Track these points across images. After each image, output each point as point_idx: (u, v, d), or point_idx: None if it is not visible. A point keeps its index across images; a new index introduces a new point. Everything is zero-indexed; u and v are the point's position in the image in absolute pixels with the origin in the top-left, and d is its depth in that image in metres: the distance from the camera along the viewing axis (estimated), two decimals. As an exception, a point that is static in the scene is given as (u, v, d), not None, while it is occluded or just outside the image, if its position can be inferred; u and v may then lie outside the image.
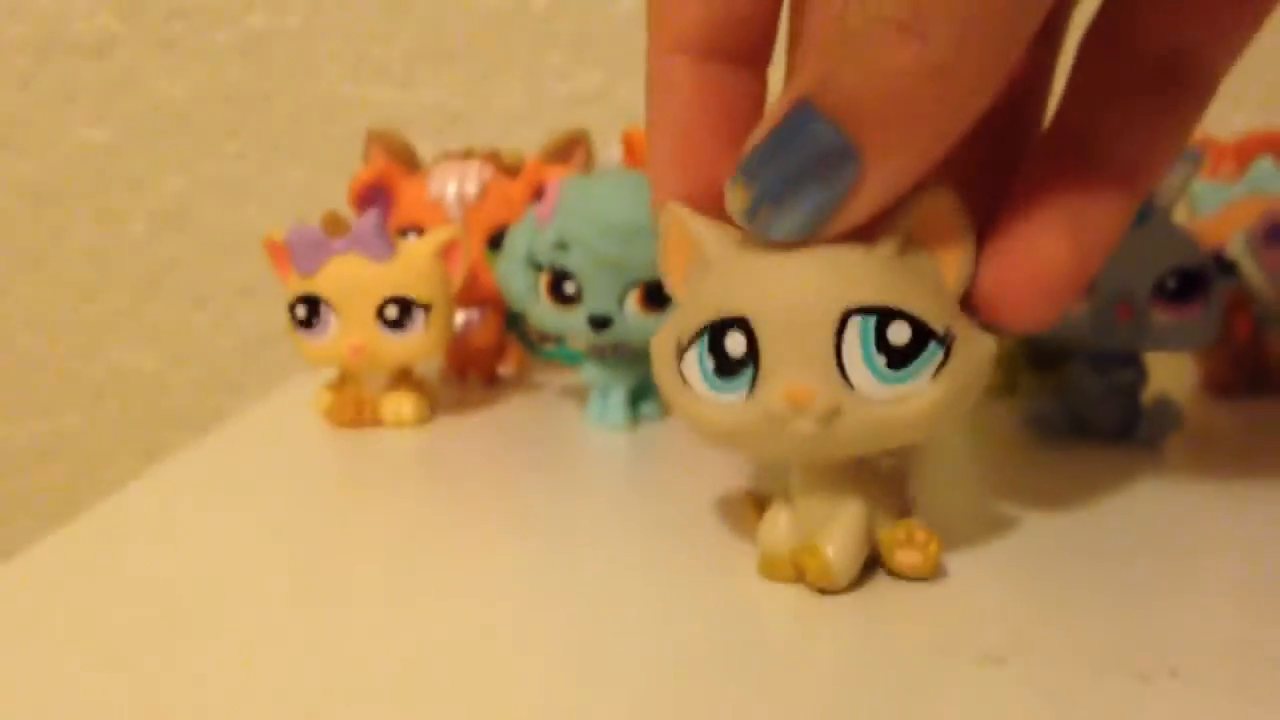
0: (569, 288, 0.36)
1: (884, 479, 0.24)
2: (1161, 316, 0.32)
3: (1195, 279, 0.32)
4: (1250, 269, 0.38)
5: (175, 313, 0.66)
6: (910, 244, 0.22)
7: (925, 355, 0.21)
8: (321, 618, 0.22)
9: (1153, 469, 0.32)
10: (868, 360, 0.21)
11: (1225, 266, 0.38)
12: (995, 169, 0.24)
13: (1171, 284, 0.32)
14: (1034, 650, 0.20)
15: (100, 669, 0.20)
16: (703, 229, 0.23)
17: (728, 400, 0.22)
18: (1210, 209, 0.42)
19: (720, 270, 0.22)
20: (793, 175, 0.20)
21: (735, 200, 0.21)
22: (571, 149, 0.46)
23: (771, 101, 0.22)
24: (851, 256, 0.21)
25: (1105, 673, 0.19)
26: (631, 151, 0.40)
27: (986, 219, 0.23)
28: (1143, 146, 0.23)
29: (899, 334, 0.21)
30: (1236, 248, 0.38)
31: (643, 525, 0.28)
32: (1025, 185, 0.23)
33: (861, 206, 0.20)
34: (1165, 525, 0.27)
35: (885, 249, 0.21)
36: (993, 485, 0.31)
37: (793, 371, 0.21)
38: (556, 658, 0.20)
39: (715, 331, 0.22)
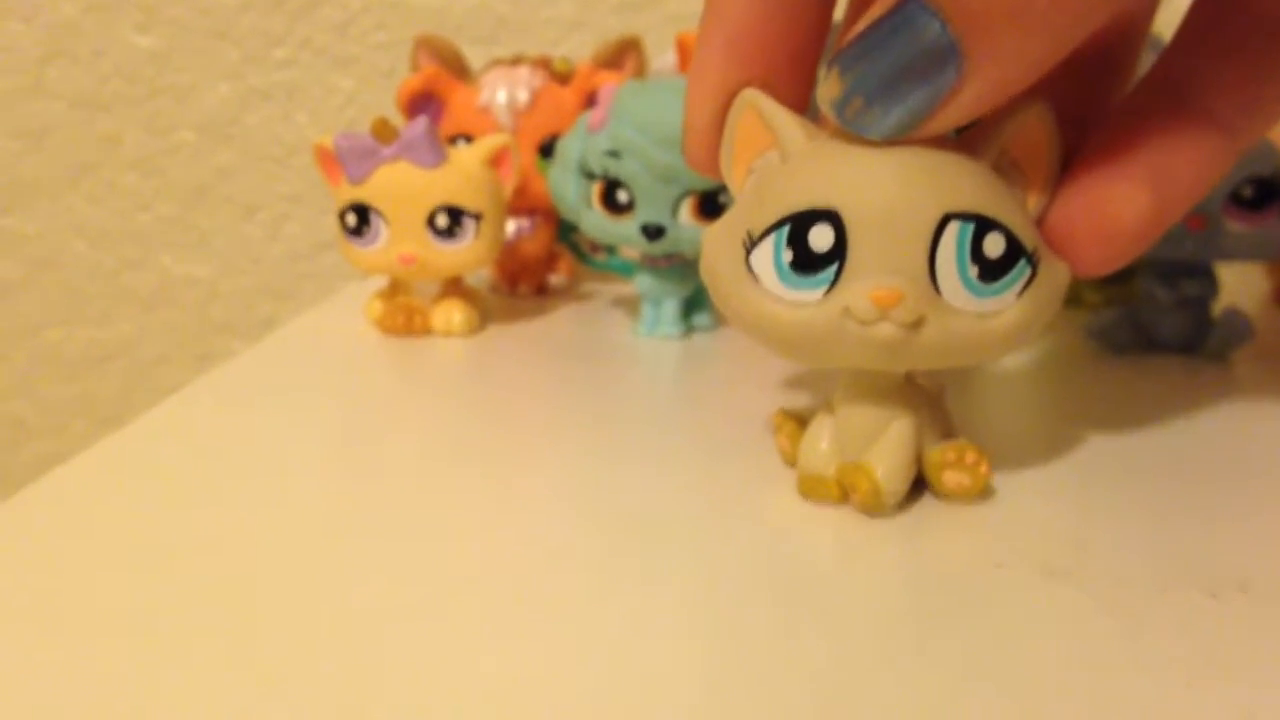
0: (622, 196, 0.36)
1: (931, 397, 0.23)
2: (1235, 226, 0.31)
3: (1272, 187, 0.31)
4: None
5: (226, 221, 0.66)
6: (1003, 158, 0.21)
7: (1015, 271, 0.21)
8: (369, 525, 0.22)
9: (1221, 383, 0.31)
10: (961, 268, 0.20)
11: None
12: (1080, 107, 0.23)
13: (1247, 192, 0.31)
14: (1098, 565, 0.20)
15: (150, 571, 0.20)
16: (785, 117, 0.22)
17: (802, 297, 0.21)
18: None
19: (803, 162, 0.21)
20: (892, 70, 0.19)
21: (827, 89, 0.20)
22: (624, 55, 0.45)
23: None
24: (951, 161, 0.20)
25: (1173, 588, 0.19)
26: (685, 58, 0.39)
27: (1066, 156, 0.22)
28: (1244, 105, 0.22)
29: (995, 245, 0.20)
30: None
31: (691, 439, 0.28)
32: (1112, 128, 0.22)
33: (957, 111, 0.19)
34: (1233, 440, 0.26)
35: (986, 160, 0.21)
36: (1053, 401, 0.31)
37: (882, 272, 0.20)
38: (597, 575, 0.20)
39: (799, 223, 0.20)
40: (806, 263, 0.20)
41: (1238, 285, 0.40)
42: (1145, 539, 0.21)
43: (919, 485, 0.23)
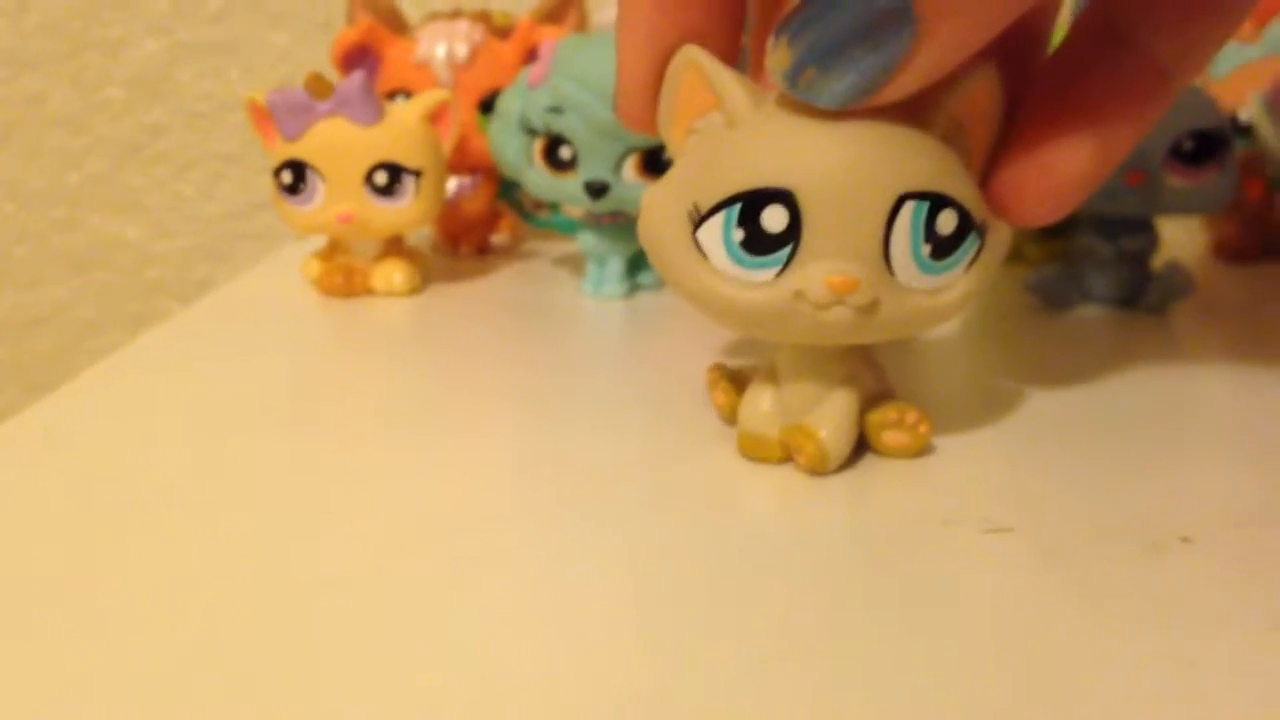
0: (564, 153, 0.35)
1: (871, 358, 0.23)
2: (1175, 180, 0.32)
3: (1213, 141, 0.31)
4: (1266, 131, 0.37)
5: (158, 181, 0.64)
6: (953, 123, 0.21)
7: (965, 245, 0.20)
8: (310, 487, 0.22)
9: (1160, 337, 0.31)
10: (914, 248, 0.20)
11: (1240, 129, 0.37)
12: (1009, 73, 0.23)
13: (1188, 146, 0.31)
14: (1040, 519, 0.20)
15: (86, 537, 0.20)
16: (728, 77, 0.21)
17: (753, 277, 0.20)
18: (1225, 70, 0.40)
19: (752, 132, 0.20)
20: (844, 36, 0.19)
21: (778, 59, 0.19)
22: (565, 9, 0.44)
23: None
24: (904, 134, 0.20)
25: (1116, 541, 0.19)
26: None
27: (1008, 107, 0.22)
28: (1181, 46, 0.21)
29: (947, 222, 0.20)
30: (1253, 109, 0.37)
31: (636, 398, 0.28)
32: (1051, 77, 0.22)
33: (912, 77, 0.19)
34: (1173, 394, 0.27)
35: (936, 129, 0.20)
36: (993, 356, 0.31)
37: (837, 255, 0.20)
38: (541, 534, 0.20)
39: (751, 202, 0.20)
40: (759, 243, 0.20)
41: (1177, 239, 0.40)
42: (1087, 493, 0.21)
43: (860, 443, 0.23)
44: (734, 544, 0.19)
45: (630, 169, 0.35)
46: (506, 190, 0.44)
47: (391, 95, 0.42)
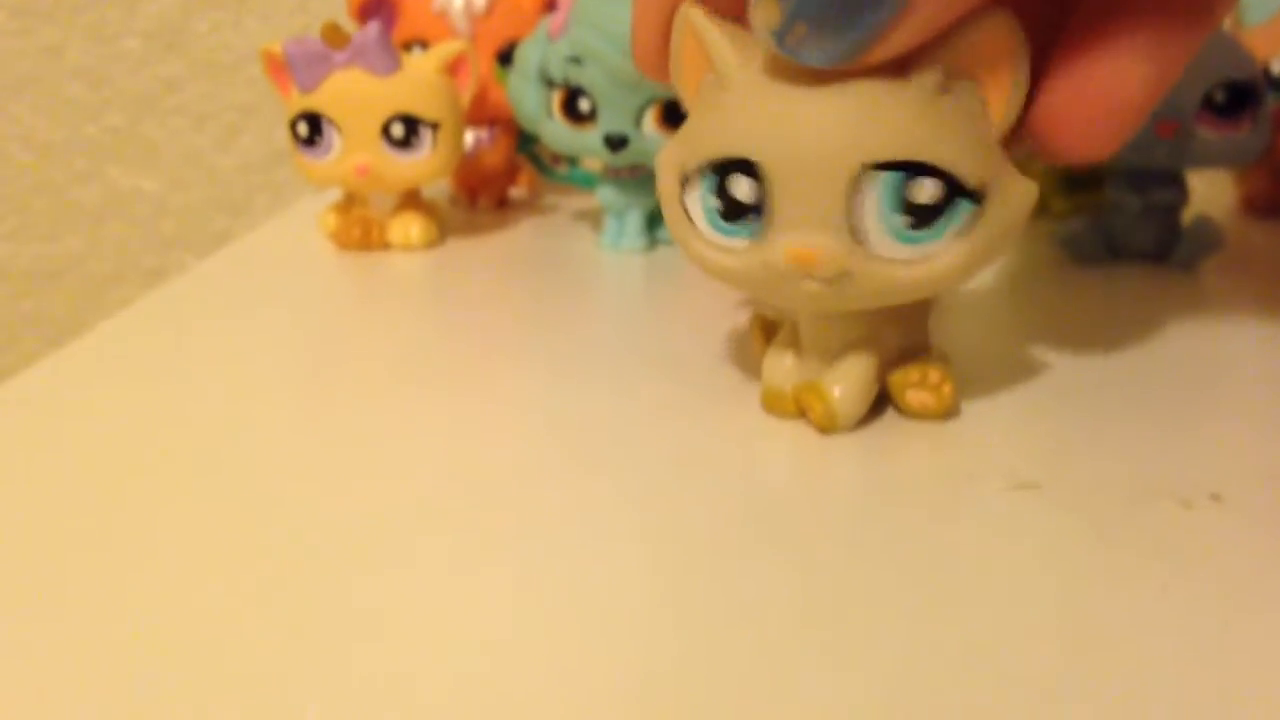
0: (583, 105, 0.35)
1: (901, 314, 0.22)
2: (1207, 132, 0.31)
3: (1245, 92, 0.31)
4: (1301, 82, 0.36)
5: (175, 133, 0.64)
6: (955, 76, 0.19)
7: (951, 213, 0.19)
8: (326, 442, 0.22)
9: (1189, 292, 0.31)
10: (886, 220, 0.19)
11: (1273, 81, 0.36)
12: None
13: (1220, 97, 0.31)
14: (1068, 476, 0.20)
15: (102, 488, 0.20)
16: (719, 41, 0.20)
17: (731, 244, 0.20)
18: (1259, 18, 0.39)
19: (736, 93, 0.20)
20: None
21: (763, 16, 0.18)
22: (584, -43, 0.43)
23: None
24: (880, 96, 0.19)
25: (1146, 498, 0.19)
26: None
27: (1042, 43, 0.20)
28: None
29: (924, 192, 0.19)
30: (1287, 60, 0.36)
31: (656, 353, 0.27)
32: (1092, 2, 0.21)
33: (908, 34, 0.18)
34: (1202, 350, 0.26)
35: (923, 84, 0.19)
36: (1021, 312, 0.30)
37: (802, 225, 0.19)
38: (560, 492, 0.20)
39: (721, 171, 0.20)
40: (732, 212, 0.20)
41: (1207, 193, 0.39)
42: (1116, 450, 0.21)
43: (886, 400, 0.22)
44: (754, 501, 0.19)
45: (650, 121, 0.34)
46: (525, 143, 0.43)
47: (408, 46, 0.41)
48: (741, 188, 0.20)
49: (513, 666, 0.14)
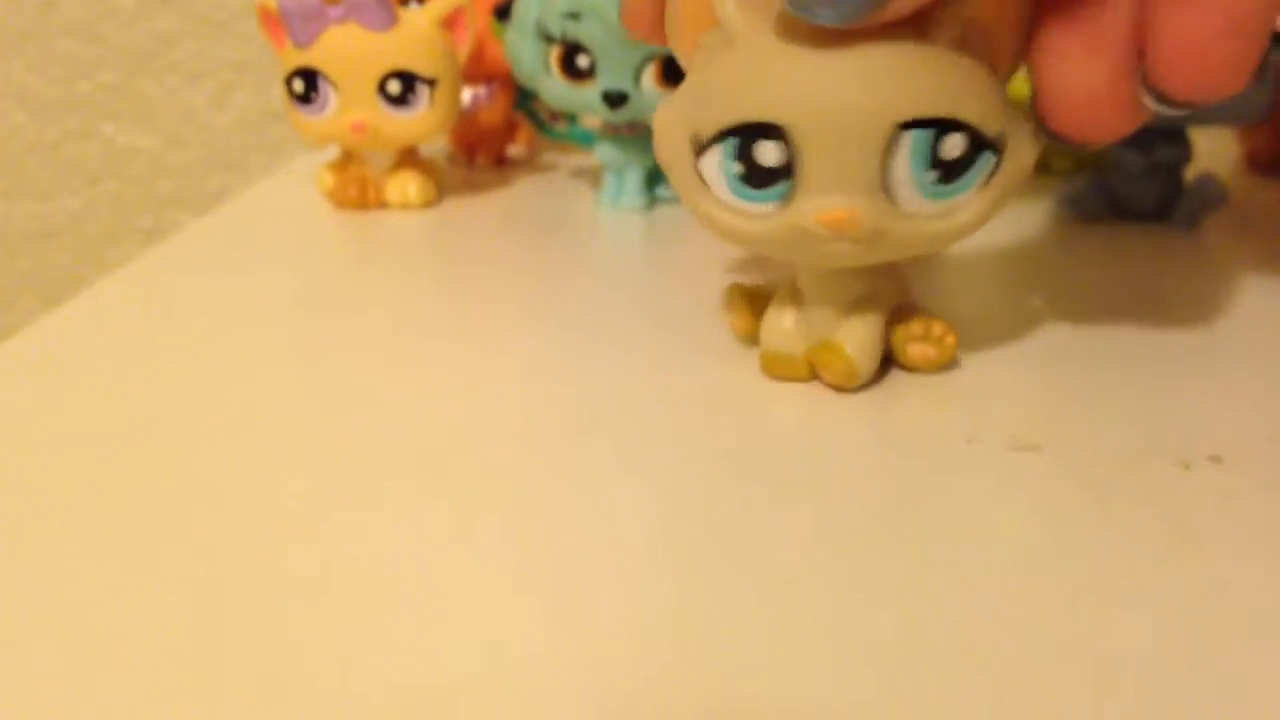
0: (582, 61, 0.34)
1: (895, 272, 0.22)
2: (1211, 89, 0.30)
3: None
4: (1306, 38, 0.36)
5: (169, 90, 0.63)
6: (971, 27, 0.19)
7: (977, 166, 0.19)
8: (323, 402, 0.22)
9: (1192, 250, 0.30)
10: (917, 177, 0.19)
11: (1277, 37, 0.36)
12: None
13: (1225, 53, 0.30)
14: (1068, 436, 0.20)
15: (98, 449, 0.19)
16: None
17: (755, 209, 0.20)
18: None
19: (748, 54, 0.19)
20: None
21: None
22: (582, -90, 0.43)
23: None
24: (907, 54, 0.18)
25: (1145, 459, 0.19)
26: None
27: None
28: None
29: (954, 147, 0.19)
30: (1293, 15, 0.36)
31: (655, 313, 0.27)
32: None
33: None
34: (1204, 309, 0.26)
35: (945, 39, 0.19)
36: (1022, 271, 0.30)
37: (833, 189, 0.19)
38: (561, 452, 0.20)
39: (745, 136, 0.19)
40: (756, 177, 0.19)
41: (1210, 151, 0.39)
42: (1116, 410, 0.21)
43: (885, 359, 0.22)
44: (755, 461, 0.19)
45: (650, 77, 0.34)
46: (523, 100, 0.43)
47: (405, 1, 0.41)
48: (768, 153, 0.19)
49: (511, 623, 0.14)
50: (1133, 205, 0.33)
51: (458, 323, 0.27)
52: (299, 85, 0.35)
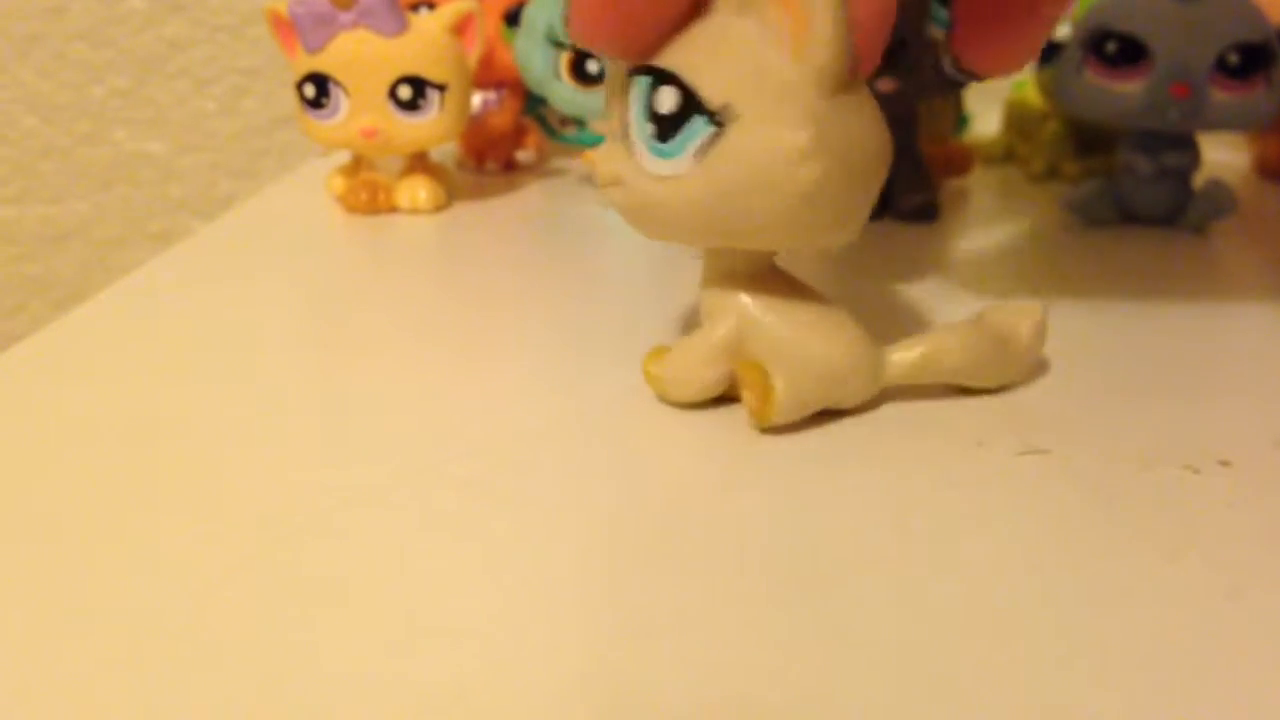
0: (591, 67, 0.34)
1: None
2: (1220, 94, 0.31)
3: (1259, 55, 0.30)
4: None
5: (179, 96, 0.64)
6: (750, 6, 0.19)
7: (688, 129, 0.19)
8: (330, 405, 0.22)
9: (1201, 256, 0.30)
10: (639, 127, 0.19)
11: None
12: None
13: (1234, 59, 0.30)
14: (1077, 442, 0.20)
15: (108, 451, 0.20)
16: None
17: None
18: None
19: None
20: None
21: None
22: (591, -84, 0.43)
23: None
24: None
25: (1154, 464, 0.19)
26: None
27: None
28: None
29: (665, 100, 0.19)
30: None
31: (662, 316, 0.27)
32: None
33: None
34: (1213, 315, 0.26)
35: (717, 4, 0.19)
36: (1031, 275, 0.30)
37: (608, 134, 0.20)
38: (564, 457, 0.20)
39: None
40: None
41: (1218, 157, 0.39)
42: (1125, 415, 0.21)
43: None
44: (762, 465, 0.19)
45: (658, 83, 0.34)
46: (533, 105, 0.43)
47: (415, 6, 0.41)
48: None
49: (514, 623, 0.15)
50: (1141, 210, 0.33)
51: (466, 327, 0.27)
52: (310, 90, 0.35)
